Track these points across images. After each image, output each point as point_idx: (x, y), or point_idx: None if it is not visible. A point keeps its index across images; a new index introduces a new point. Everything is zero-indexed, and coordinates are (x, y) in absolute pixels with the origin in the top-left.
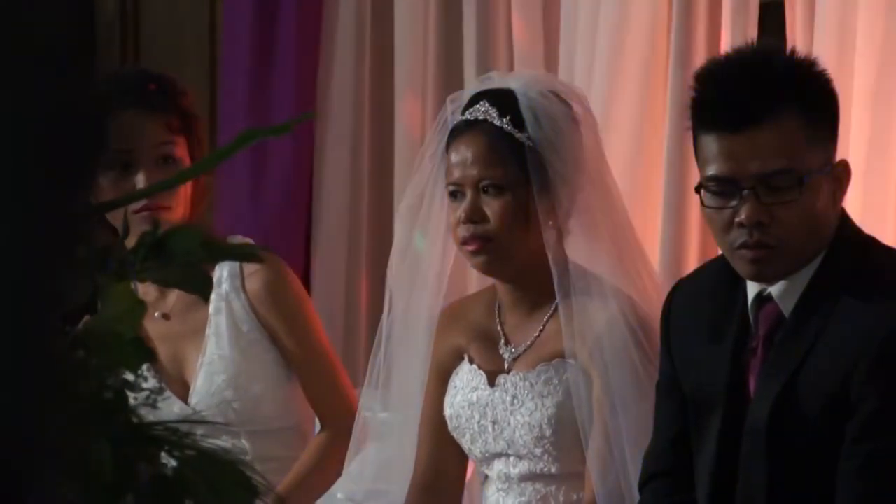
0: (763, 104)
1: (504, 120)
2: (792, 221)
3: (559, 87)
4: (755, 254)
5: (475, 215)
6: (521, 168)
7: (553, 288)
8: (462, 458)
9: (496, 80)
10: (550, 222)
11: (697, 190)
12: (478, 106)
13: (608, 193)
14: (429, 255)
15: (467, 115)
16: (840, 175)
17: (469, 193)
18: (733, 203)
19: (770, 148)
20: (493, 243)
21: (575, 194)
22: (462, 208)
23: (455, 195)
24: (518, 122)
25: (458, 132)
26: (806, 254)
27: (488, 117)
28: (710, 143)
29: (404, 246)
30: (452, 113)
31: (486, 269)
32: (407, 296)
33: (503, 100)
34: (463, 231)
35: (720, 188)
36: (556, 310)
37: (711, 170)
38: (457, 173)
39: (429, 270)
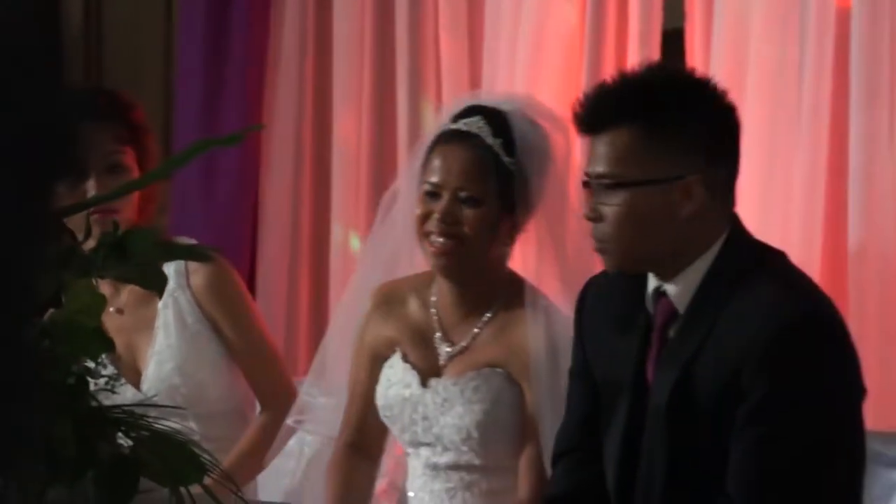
0: (603, 114)
1: (497, 141)
2: (613, 221)
3: (545, 114)
4: (596, 245)
5: (449, 218)
6: (499, 188)
7: (493, 297)
8: (382, 433)
9: (492, 99)
10: (509, 240)
11: (584, 185)
12: (473, 119)
13: (562, 221)
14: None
15: (461, 125)
16: (688, 188)
17: (446, 197)
18: (588, 197)
19: (602, 154)
20: (462, 248)
21: (541, 219)
22: (439, 208)
23: (432, 195)
24: (508, 147)
25: (448, 138)
26: (647, 254)
27: (482, 133)
28: (588, 144)
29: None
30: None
31: (445, 270)
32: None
33: (497, 121)
34: (433, 227)
35: (586, 182)
36: (494, 315)
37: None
38: (440, 176)
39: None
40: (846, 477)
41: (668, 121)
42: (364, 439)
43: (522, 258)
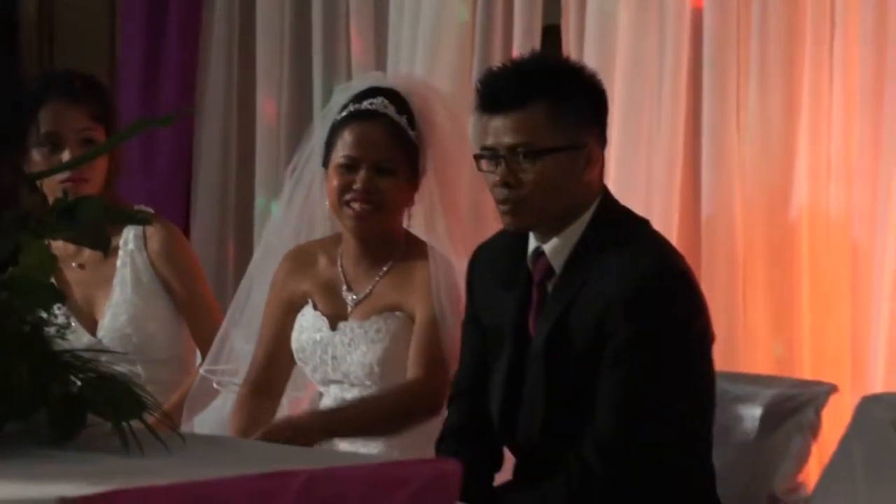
0: (515, 93)
1: (402, 118)
2: (531, 183)
3: (436, 95)
4: (508, 207)
5: (370, 187)
6: (405, 158)
7: (391, 252)
8: (288, 371)
9: (389, 81)
10: (406, 201)
11: (476, 158)
12: (376, 100)
13: (451, 187)
14: (290, 219)
15: (367, 105)
16: (590, 156)
17: (364, 169)
18: (495, 167)
19: (516, 127)
20: (379, 213)
21: (434, 186)
22: (360, 178)
23: (348, 167)
24: (411, 123)
25: (357, 117)
26: (553, 212)
27: (389, 112)
28: (484, 122)
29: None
30: (345, 101)
31: (364, 232)
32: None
33: (398, 100)
34: (354, 196)
35: (488, 156)
36: (390, 268)
37: (483, 142)
38: (356, 150)
39: (286, 231)
40: (698, 410)
41: (572, 96)
42: (267, 381)
43: (415, 217)
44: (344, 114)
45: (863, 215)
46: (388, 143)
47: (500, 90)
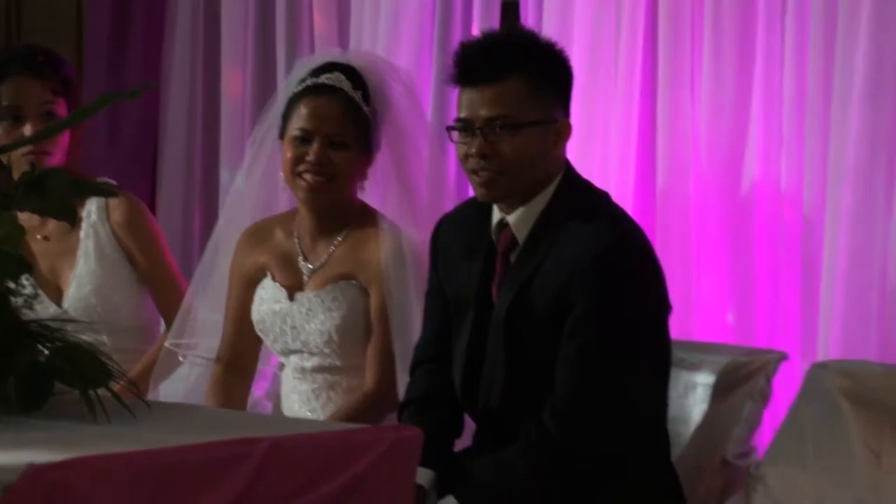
0: (492, 67)
1: (357, 93)
2: (508, 156)
3: (390, 71)
4: (483, 178)
5: (323, 160)
6: (360, 131)
7: (345, 223)
8: (256, 345)
9: (347, 56)
10: (359, 174)
11: (448, 129)
12: (332, 75)
13: (407, 160)
14: (250, 189)
15: (323, 80)
16: (559, 129)
17: (318, 141)
18: (469, 139)
19: (495, 100)
20: (331, 185)
21: (389, 160)
22: (313, 151)
23: (303, 140)
24: (366, 98)
25: (313, 91)
26: (525, 184)
27: (344, 87)
28: (461, 95)
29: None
30: (303, 75)
31: (316, 203)
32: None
33: (354, 76)
34: (307, 168)
35: (462, 127)
36: (344, 238)
37: (459, 114)
38: (310, 123)
39: (246, 200)
40: (654, 378)
41: (547, 72)
42: (238, 358)
43: (370, 189)
44: (301, 87)
45: (814, 186)
46: (342, 118)
47: (478, 63)
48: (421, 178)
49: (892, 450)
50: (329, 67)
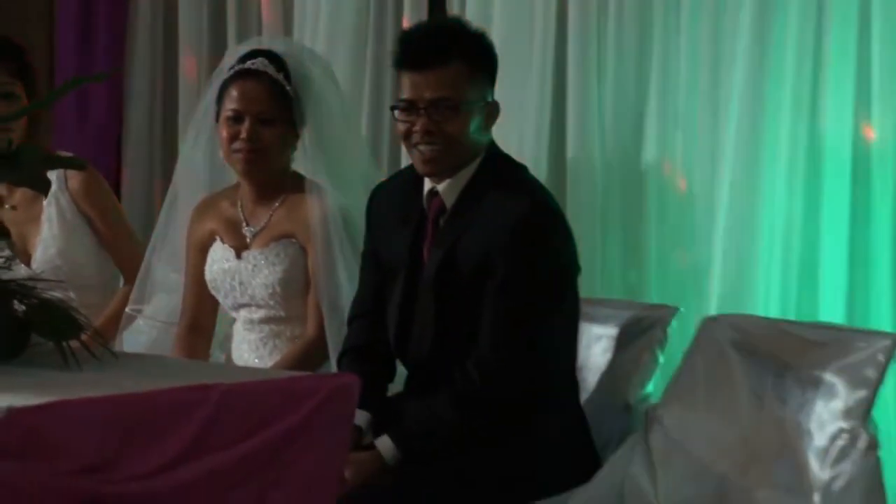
0: (435, 54)
1: (280, 75)
2: (450, 133)
3: (308, 54)
4: (426, 154)
5: (254, 136)
6: (285, 109)
7: (280, 190)
8: (214, 305)
9: (264, 43)
10: (286, 145)
11: (392, 108)
12: (257, 60)
13: (339, 137)
14: (198, 166)
15: (249, 65)
16: (491, 110)
17: (248, 120)
18: (413, 118)
19: (439, 83)
20: (262, 157)
21: (311, 132)
22: (245, 129)
23: (235, 119)
24: (287, 78)
25: (241, 76)
26: (462, 159)
27: (268, 70)
28: (403, 78)
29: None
30: (232, 62)
31: (250, 174)
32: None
33: (276, 60)
34: (240, 144)
35: (406, 107)
36: (281, 203)
37: (402, 94)
38: (240, 104)
39: (191, 173)
40: (566, 331)
41: (481, 57)
42: (199, 318)
43: (301, 159)
44: (230, 73)
45: (703, 161)
46: (269, 97)
47: (421, 49)
48: (341, 147)
49: (773, 393)
50: (254, 54)
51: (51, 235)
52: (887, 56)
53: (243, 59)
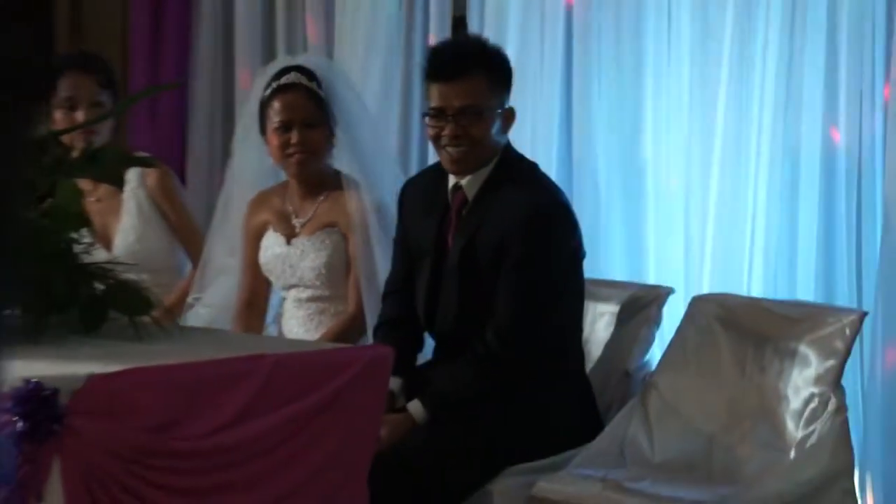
0: (461, 67)
1: (312, 83)
2: (475, 137)
3: (334, 67)
4: (454, 155)
5: (304, 140)
6: (323, 112)
7: (325, 183)
8: (267, 286)
9: (293, 60)
10: (330, 145)
11: (423, 116)
12: (291, 74)
13: (367, 132)
14: (246, 169)
15: (285, 80)
16: (507, 115)
17: (295, 128)
18: (442, 123)
19: (464, 93)
20: (311, 156)
21: (344, 131)
22: (294, 135)
23: (284, 128)
24: (319, 86)
25: (281, 90)
26: (483, 159)
27: (302, 81)
28: (432, 88)
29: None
30: (267, 80)
31: (303, 174)
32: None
33: (306, 72)
34: (293, 149)
35: (435, 114)
36: (325, 198)
37: (432, 103)
38: (286, 115)
39: (244, 176)
40: (572, 307)
41: (499, 70)
42: (254, 297)
43: (337, 158)
44: (269, 91)
45: (694, 159)
46: (309, 104)
47: (449, 64)
48: (368, 145)
49: (753, 362)
50: (286, 70)
51: (130, 225)
52: (853, 67)
53: (278, 75)
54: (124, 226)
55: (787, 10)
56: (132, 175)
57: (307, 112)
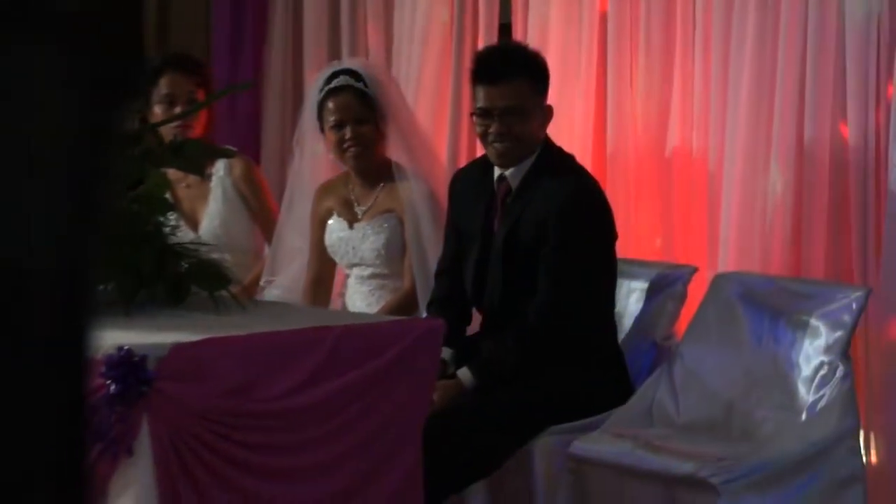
0: (504, 71)
1: (360, 84)
2: (518, 134)
3: (377, 68)
4: (499, 150)
5: (357, 134)
6: (371, 109)
7: (382, 173)
8: (333, 265)
9: (345, 64)
10: (381, 138)
11: (471, 115)
12: (340, 78)
13: (410, 123)
14: (307, 162)
15: (335, 84)
16: (546, 113)
17: (349, 125)
18: (488, 122)
19: (508, 94)
20: (366, 151)
21: (391, 124)
22: (348, 131)
23: (338, 126)
24: (367, 86)
25: (333, 93)
26: (525, 153)
27: (351, 83)
28: (478, 90)
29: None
30: (320, 85)
31: (360, 166)
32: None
33: (354, 74)
34: (348, 144)
35: (482, 113)
36: (382, 188)
37: (478, 104)
38: (339, 115)
39: (306, 168)
40: (606, 285)
41: (539, 73)
42: (321, 275)
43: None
44: (323, 93)
45: (715, 151)
46: (358, 103)
47: (492, 68)
48: (415, 140)
49: (769, 335)
50: (336, 74)
51: (215, 210)
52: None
53: (329, 79)
54: (210, 210)
55: (801, 10)
56: (220, 164)
57: (357, 110)
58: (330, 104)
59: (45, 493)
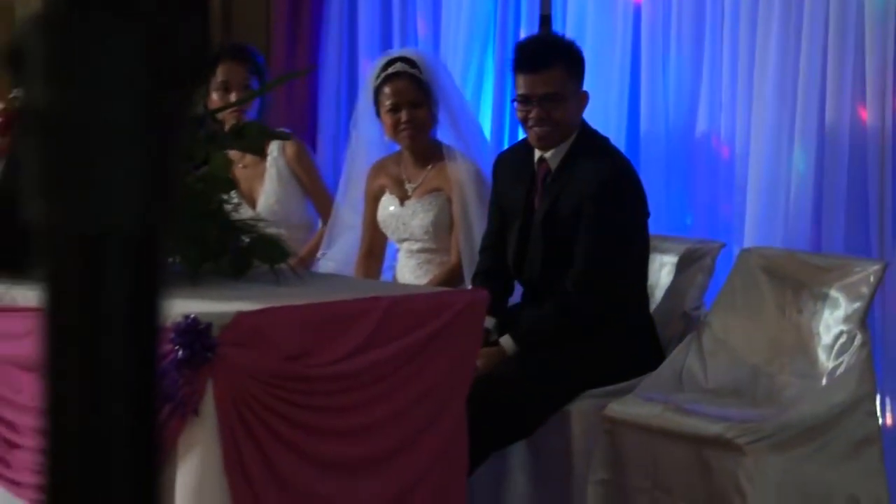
0: (543, 60)
1: (415, 70)
2: (556, 119)
3: (430, 56)
4: (539, 134)
5: (413, 117)
6: (425, 94)
7: (432, 154)
8: (384, 239)
9: (398, 52)
10: (433, 121)
11: (512, 101)
12: (397, 64)
13: (460, 108)
14: (363, 143)
15: (391, 70)
16: (582, 98)
17: (405, 108)
18: (528, 108)
19: (547, 82)
20: (418, 131)
21: (442, 108)
22: (403, 115)
23: (394, 109)
24: (421, 72)
25: (390, 78)
26: (563, 136)
27: (407, 69)
28: (519, 78)
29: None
30: (377, 71)
31: (413, 145)
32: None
33: (409, 61)
34: (404, 126)
35: (522, 100)
36: (432, 167)
37: (519, 91)
38: (395, 98)
39: (362, 149)
40: (638, 258)
41: (575, 61)
42: (373, 248)
43: (440, 133)
44: (380, 79)
45: (742, 134)
46: (414, 88)
47: (531, 57)
48: (464, 123)
49: (791, 306)
50: (393, 61)
51: (271, 188)
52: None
53: (385, 66)
54: (266, 189)
55: (823, 2)
56: (274, 146)
57: (412, 94)
58: (387, 89)
59: (122, 447)
